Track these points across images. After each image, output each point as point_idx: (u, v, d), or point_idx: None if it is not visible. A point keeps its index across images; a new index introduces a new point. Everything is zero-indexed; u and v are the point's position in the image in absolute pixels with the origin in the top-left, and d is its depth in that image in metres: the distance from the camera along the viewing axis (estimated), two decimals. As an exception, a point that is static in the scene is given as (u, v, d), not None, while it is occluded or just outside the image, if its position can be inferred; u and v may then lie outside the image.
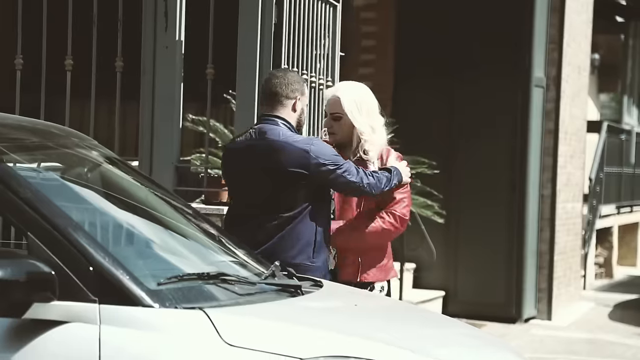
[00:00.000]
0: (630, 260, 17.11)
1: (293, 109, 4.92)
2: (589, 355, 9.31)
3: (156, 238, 3.80)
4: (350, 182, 4.83)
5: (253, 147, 4.87)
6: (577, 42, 12.02)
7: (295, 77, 4.98)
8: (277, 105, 4.92)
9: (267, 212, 4.78)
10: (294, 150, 4.77)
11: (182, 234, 3.96)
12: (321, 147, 4.83)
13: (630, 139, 16.84)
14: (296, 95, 4.92)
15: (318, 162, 4.76)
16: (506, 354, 3.92)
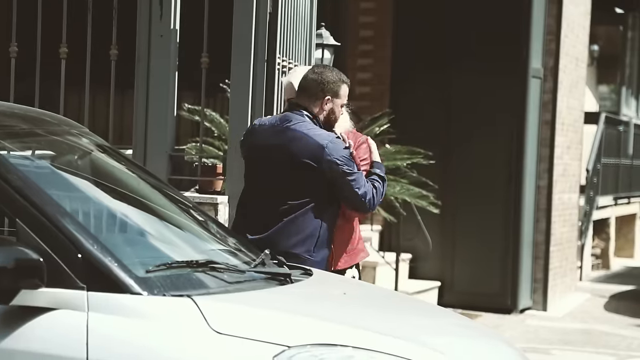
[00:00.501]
0: (628, 251, 17.13)
1: (321, 107, 4.98)
2: (583, 346, 9.33)
3: (146, 226, 3.80)
4: (354, 193, 4.89)
5: (274, 132, 4.96)
6: (575, 33, 12.01)
7: (332, 77, 5.02)
8: (306, 99, 5.01)
9: (277, 197, 4.84)
10: (310, 142, 4.85)
11: (172, 222, 3.97)
12: (338, 147, 4.89)
13: (628, 130, 16.84)
14: (327, 95, 4.97)
15: (331, 159, 4.82)
16: (498, 344, 3.93)
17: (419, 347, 3.38)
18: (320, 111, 4.98)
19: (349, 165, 4.88)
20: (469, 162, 10.81)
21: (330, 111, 5.01)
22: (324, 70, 5.06)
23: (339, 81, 5.04)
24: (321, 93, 4.97)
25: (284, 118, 5.00)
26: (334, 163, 4.84)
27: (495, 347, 3.87)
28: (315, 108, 4.98)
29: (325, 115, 5.01)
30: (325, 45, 7.76)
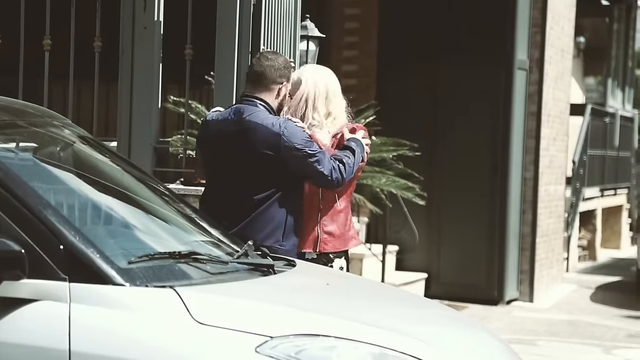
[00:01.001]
0: (614, 242, 17.19)
1: (277, 94, 4.94)
2: (569, 337, 9.36)
3: (128, 217, 3.80)
4: (319, 173, 4.83)
5: (229, 126, 4.89)
6: (561, 25, 12.03)
7: (284, 62, 5.00)
8: (261, 88, 4.95)
9: (240, 191, 4.80)
10: (266, 132, 4.80)
11: (156, 213, 3.96)
12: (294, 131, 4.83)
13: (614, 122, 16.89)
14: (283, 81, 4.95)
15: (289, 145, 4.77)
16: (482, 334, 3.94)
17: (402, 336, 3.39)
18: (277, 97, 4.97)
19: (309, 147, 4.82)
20: (455, 153, 10.82)
21: (284, 97, 5.00)
22: (275, 57, 5.03)
23: (289, 66, 5.05)
24: (278, 79, 4.94)
25: (237, 110, 4.92)
26: (293, 149, 4.78)
27: (480, 338, 3.88)
28: (272, 96, 4.94)
29: (279, 102, 4.99)
30: (310, 37, 7.75)
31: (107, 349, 3.20)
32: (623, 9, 18.14)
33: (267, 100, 4.93)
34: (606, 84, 17.72)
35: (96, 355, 3.19)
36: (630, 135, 18.47)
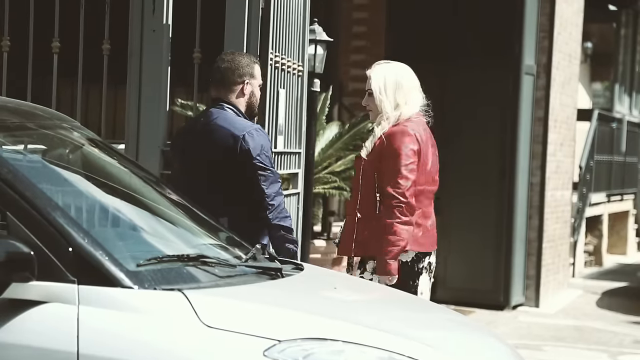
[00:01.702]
0: (620, 248, 17.16)
1: (241, 92, 5.02)
2: (575, 342, 9.35)
3: (137, 220, 3.81)
4: (260, 189, 4.88)
5: (197, 131, 5.04)
6: (568, 30, 12.03)
7: (243, 60, 5.09)
8: (224, 90, 5.08)
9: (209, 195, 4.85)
10: (228, 134, 4.90)
11: (164, 216, 3.96)
12: (257, 139, 4.90)
13: (621, 127, 16.87)
14: (244, 80, 5.02)
15: (246, 149, 4.85)
16: (489, 339, 3.93)
17: (409, 341, 3.38)
18: (241, 96, 5.02)
19: (265, 161, 4.88)
20: (462, 158, 10.82)
21: (251, 94, 5.07)
22: (233, 57, 5.13)
23: (251, 62, 5.12)
24: (238, 79, 5.02)
25: (205, 115, 5.05)
26: (248, 154, 4.85)
27: (487, 343, 3.88)
28: (235, 96, 5.01)
29: (247, 100, 5.06)
30: (318, 41, 7.78)
31: (116, 352, 3.20)
32: (630, 15, 18.13)
33: (233, 101, 5.05)
34: (613, 89, 17.71)
35: (105, 357, 3.19)
36: (637, 140, 18.45)
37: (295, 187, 6.84)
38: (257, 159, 4.87)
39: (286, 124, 6.49)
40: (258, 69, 5.18)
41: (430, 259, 5.29)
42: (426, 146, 5.19)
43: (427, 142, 5.23)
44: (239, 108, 5.04)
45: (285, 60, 6.35)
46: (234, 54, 5.25)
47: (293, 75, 6.56)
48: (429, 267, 5.32)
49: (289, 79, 6.47)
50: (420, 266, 5.23)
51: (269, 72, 6.08)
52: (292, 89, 6.56)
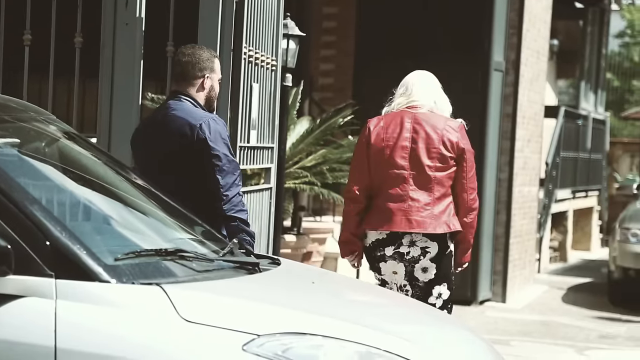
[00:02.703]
0: (584, 244, 17.30)
1: (201, 86, 5.07)
2: (542, 337, 9.42)
3: (114, 214, 3.79)
4: (215, 179, 4.89)
5: (153, 122, 5.11)
6: (537, 27, 12.10)
7: (204, 54, 5.13)
8: (184, 83, 5.11)
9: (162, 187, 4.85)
10: (185, 123, 4.93)
11: (141, 210, 3.95)
12: (215, 127, 4.92)
13: (586, 124, 17.00)
14: (204, 74, 5.08)
15: (203, 138, 4.87)
16: (464, 333, 3.96)
17: (387, 335, 3.39)
18: (201, 90, 5.06)
19: (220, 149, 4.89)
20: (431, 153, 10.82)
21: (211, 88, 5.13)
22: (193, 51, 5.17)
23: (211, 57, 5.16)
24: (199, 72, 5.06)
25: (163, 107, 5.10)
26: (205, 143, 4.88)
27: (463, 337, 3.90)
28: (195, 90, 5.07)
29: (206, 94, 5.11)
30: (290, 36, 7.77)
31: (94, 346, 3.18)
32: (597, 12, 18.26)
33: (192, 94, 5.08)
34: (579, 86, 17.84)
35: (83, 352, 3.17)
36: (602, 137, 18.60)
37: (267, 182, 6.84)
38: (213, 147, 4.88)
39: (259, 118, 6.48)
40: (218, 64, 5.22)
41: (401, 249, 5.45)
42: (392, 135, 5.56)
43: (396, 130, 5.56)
44: (198, 101, 5.07)
45: (259, 55, 6.35)
46: (194, 48, 5.26)
47: (266, 69, 6.55)
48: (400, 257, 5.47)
49: (262, 73, 6.47)
50: (379, 254, 5.48)
51: (242, 67, 6.07)
52: (265, 83, 6.55)
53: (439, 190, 5.45)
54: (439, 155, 5.47)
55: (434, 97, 5.69)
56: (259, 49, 6.35)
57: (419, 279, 5.48)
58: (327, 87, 11.47)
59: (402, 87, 5.74)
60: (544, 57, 12.67)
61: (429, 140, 5.48)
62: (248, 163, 6.34)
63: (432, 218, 5.42)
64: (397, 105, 5.65)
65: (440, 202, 5.45)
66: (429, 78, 5.83)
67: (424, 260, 5.45)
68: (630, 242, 11.40)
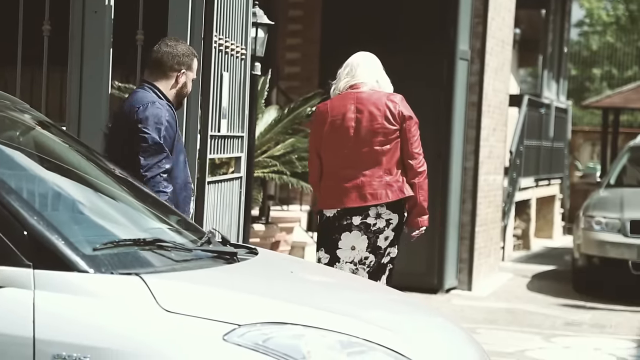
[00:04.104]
0: (547, 232, 17.43)
1: (176, 81, 5.05)
2: (508, 325, 9.47)
3: (91, 203, 3.75)
4: (138, 159, 4.96)
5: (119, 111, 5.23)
6: (502, 16, 12.14)
7: (186, 50, 5.09)
8: (158, 74, 5.13)
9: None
10: (129, 107, 5.03)
11: (117, 199, 3.92)
12: (152, 112, 4.97)
13: (549, 113, 17.10)
14: (181, 69, 5.06)
15: (137, 119, 4.96)
16: (438, 319, 3.97)
17: (368, 325, 3.40)
18: (174, 86, 5.05)
19: (148, 132, 4.92)
20: (397, 142, 10.84)
21: (183, 85, 5.11)
22: (177, 44, 5.16)
23: (191, 54, 5.14)
24: (176, 66, 5.06)
25: (128, 96, 5.17)
26: (138, 123, 4.94)
27: (439, 324, 3.92)
28: (169, 83, 5.07)
29: (178, 90, 5.12)
30: (259, 24, 7.74)
31: (73, 337, 3.16)
32: (559, 1, 18.36)
33: (161, 87, 5.09)
34: (542, 75, 17.93)
35: (62, 342, 3.15)
36: (564, 126, 18.73)
37: (238, 171, 6.82)
38: (142, 130, 4.96)
39: (229, 107, 6.45)
40: (196, 64, 5.20)
41: (368, 220, 5.90)
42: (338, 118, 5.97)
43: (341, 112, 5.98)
44: (164, 93, 5.05)
45: (229, 43, 6.32)
46: (177, 42, 5.24)
47: (236, 58, 6.53)
48: (366, 227, 5.91)
49: (232, 62, 6.44)
50: (346, 222, 5.89)
51: (213, 54, 6.03)
52: (235, 72, 6.52)
53: (388, 162, 5.91)
54: (382, 129, 5.92)
55: (376, 76, 6.13)
56: (229, 38, 6.32)
57: (381, 247, 5.98)
58: (294, 75, 11.45)
59: (347, 67, 6.15)
60: (509, 46, 12.72)
61: (372, 117, 5.93)
62: (219, 152, 6.32)
63: (384, 188, 5.88)
64: (343, 84, 6.07)
65: (390, 173, 5.91)
66: (372, 59, 6.24)
67: (387, 231, 5.94)
68: (594, 229, 11.49)
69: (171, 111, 5.14)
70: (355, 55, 6.23)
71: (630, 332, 9.37)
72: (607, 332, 9.30)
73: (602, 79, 34.61)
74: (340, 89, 6.08)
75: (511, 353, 8.16)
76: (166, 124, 5.00)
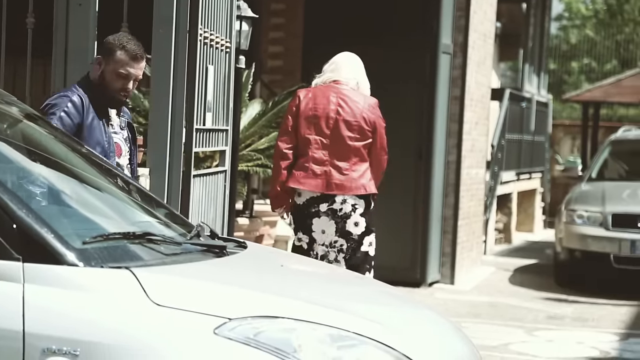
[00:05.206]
0: (528, 226, 17.47)
1: (99, 65, 5.12)
2: (492, 319, 9.50)
3: (80, 196, 3.73)
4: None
5: None
6: (484, 9, 12.15)
7: (112, 39, 5.22)
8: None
9: None
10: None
11: (105, 192, 3.90)
12: (51, 101, 5.05)
13: (530, 107, 17.14)
14: (99, 56, 5.16)
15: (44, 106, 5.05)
16: (426, 312, 3.97)
17: (359, 318, 3.39)
18: (96, 70, 5.11)
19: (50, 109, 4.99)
20: (380, 136, 10.83)
21: (102, 73, 5.09)
22: (118, 35, 5.17)
23: (115, 45, 5.10)
24: (99, 51, 5.13)
25: None
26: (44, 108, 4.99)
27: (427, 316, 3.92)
28: (95, 67, 5.14)
29: (95, 78, 5.13)
30: (243, 17, 7.71)
31: (63, 331, 3.14)
32: (540, -5, 18.40)
33: (91, 75, 5.16)
34: (523, 69, 17.96)
35: (51, 336, 3.13)
36: (545, 120, 18.78)
37: (222, 165, 6.80)
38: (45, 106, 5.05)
39: (214, 101, 6.43)
40: (120, 56, 5.08)
41: (334, 205, 6.30)
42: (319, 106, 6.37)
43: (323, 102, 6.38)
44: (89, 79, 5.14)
45: (214, 37, 6.29)
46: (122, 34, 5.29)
47: (221, 51, 6.50)
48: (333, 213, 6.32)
49: (217, 55, 6.41)
50: (314, 210, 6.30)
51: (198, 48, 6.01)
52: (219, 65, 6.50)
53: (357, 157, 6.36)
54: (358, 127, 6.38)
55: (357, 77, 6.56)
56: (214, 31, 6.29)
57: (352, 232, 6.35)
58: (276, 69, 11.42)
59: (332, 64, 6.60)
60: (490, 39, 12.74)
61: (351, 114, 6.37)
62: (204, 145, 6.30)
63: (349, 182, 6.32)
64: (326, 78, 6.51)
65: (357, 168, 6.36)
66: (356, 60, 6.68)
67: (354, 216, 6.34)
68: (576, 223, 11.53)
69: (81, 100, 5.06)
70: (342, 54, 6.67)
71: (612, 325, 9.41)
72: (590, 326, 9.34)
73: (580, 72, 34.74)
74: (323, 81, 6.51)
75: (495, 347, 8.19)
76: (62, 113, 5.00)
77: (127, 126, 5.38)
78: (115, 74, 5.08)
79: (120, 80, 5.09)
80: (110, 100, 5.16)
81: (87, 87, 5.13)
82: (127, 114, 5.45)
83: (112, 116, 5.27)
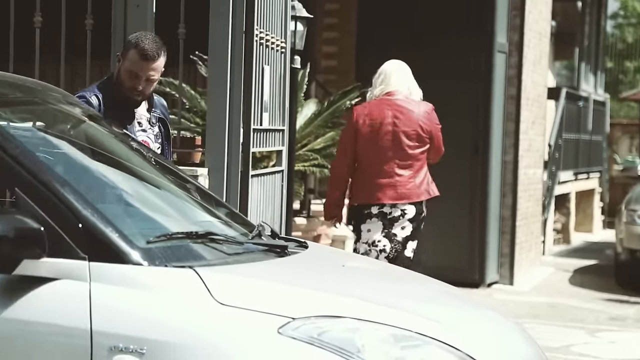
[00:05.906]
0: (587, 226, 17.29)
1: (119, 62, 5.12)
2: (551, 319, 9.39)
3: (142, 196, 3.74)
4: None
5: None
6: (538, 8, 12.04)
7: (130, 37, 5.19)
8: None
9: None
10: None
11: (167, 192, 3.90)
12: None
13: (587, 106, 16.96)
14: (118, 54, 5.16)
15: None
16: (488, 312, 3.92)
17: (421, 318, 3.35)
18: (117, 68, 5.11)
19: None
20: (436, 136, 10.77)
21: (118, 72, 5.06)
22: (139, 33, 5.19)
23: (131, 44, 5.04)
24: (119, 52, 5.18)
25: None
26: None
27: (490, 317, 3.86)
28: (117, 65, 5.14)
29: (117, 75, 5.10)
30: (298, 18, 7.71)
31: (129, 329, 3.14)
32: (596, -7, 18.20)
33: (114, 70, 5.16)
34: (579, 68, 17.78)
35: (118, 334, 3.13)
36: (603, 119, 18.57)
37: (279, 165, 6.79)
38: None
39: (270, 101, 6.43)
40: (133, 56, 5.02)
41: (384, 209, 6.47)
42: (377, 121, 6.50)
43: (380, 116, 6.51)
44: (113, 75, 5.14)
45: (270, 37, 6.29)
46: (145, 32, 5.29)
47: (276, 51, 6.50)
48: (383, 216, 6.48)
49: (272, 55, 6.41)
50: (367, 211, 6.49)
51: (254, 48, 6.00)
52: (275, 65, 6.49)
53: (417, 163, 6.54)
54: (416, 135, 6.52)
55: (407, 84, 6.65)
56: (269, 31, 6.28)
57: (396, 234, 6.49)
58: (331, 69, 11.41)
59: (381, 75, 6.67)
60: (546, 38, 12.61)
61: (408, 124, 6.50)
62: (261, 145, 6.29)
63: (415, 188, 6.51)
64: (378, 92, 6.60)
65: (419, 174, 6.54)
66: (402, 66, 6.72)
67: (402, 220, 6.50)
68: (636, 223, 11.37)
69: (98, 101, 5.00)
70: (388, 63, 6.74)
71: (675, 326, 9.27)
72: (652, 327, 9.21)
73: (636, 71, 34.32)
74: (376, 95, 6.62)
75: (557, 348, 8.08)
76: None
77: (158, 122, 5.29)
78: (127, 73, 5.03)
79: (132, 79, 5.01)
80: (126, 99, 5.10)
81: (107, 86, 5.07)
82: (160, 108, 5.32)
83: (142, 112, 5.21)
